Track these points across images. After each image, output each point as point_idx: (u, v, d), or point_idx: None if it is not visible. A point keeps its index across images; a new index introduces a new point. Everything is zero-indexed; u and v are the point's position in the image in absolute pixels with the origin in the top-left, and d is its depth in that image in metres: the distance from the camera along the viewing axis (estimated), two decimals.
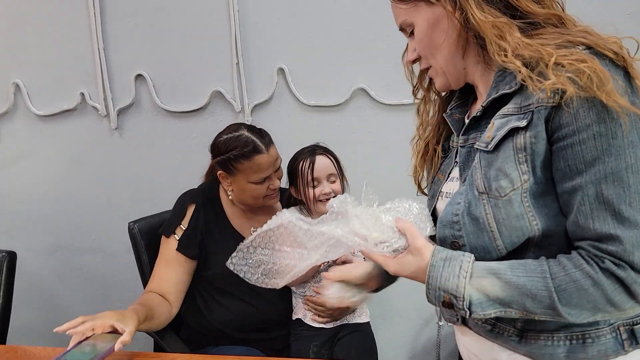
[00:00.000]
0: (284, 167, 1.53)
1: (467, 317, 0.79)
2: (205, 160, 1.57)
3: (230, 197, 1.53)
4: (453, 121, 0.92)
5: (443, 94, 0.98)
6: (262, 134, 1.48)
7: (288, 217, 0.95)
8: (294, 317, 1.53)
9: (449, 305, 0.79)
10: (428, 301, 0.82)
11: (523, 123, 0.74)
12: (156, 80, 1.95)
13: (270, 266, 1.00)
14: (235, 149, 1.44)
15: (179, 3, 1.89)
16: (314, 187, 1.46)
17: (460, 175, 0.87)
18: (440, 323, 1.83)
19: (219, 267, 1.49)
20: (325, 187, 1.46)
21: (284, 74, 1.86)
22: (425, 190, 1.03)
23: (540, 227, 0.76)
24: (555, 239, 0.78)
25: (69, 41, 1.98)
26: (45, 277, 2.18)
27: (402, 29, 0.90)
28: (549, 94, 0.72)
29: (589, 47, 0.74)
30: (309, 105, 1.85)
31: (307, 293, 1.50)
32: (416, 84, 0.98)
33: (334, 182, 1.48)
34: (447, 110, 0.94)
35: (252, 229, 1.55)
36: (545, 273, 0.75)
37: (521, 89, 0.77)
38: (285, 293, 1.53)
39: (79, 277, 2.17)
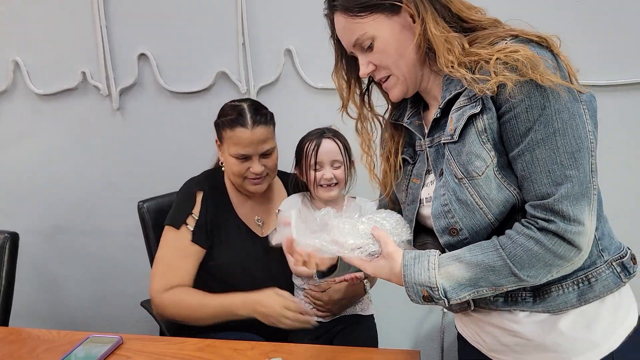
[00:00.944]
0: (291, 148, 1.50)
1: (447, 305, 0.88)
2: (208, 141, 1.53)
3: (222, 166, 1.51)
4: (415, 127, 1.01)
5: (383, 110, 1.07)
6: (259, 112, 1.43)
7: (292, 213, 1.03)
8: None
9: (428, 298, 0.88)
10: (411, 301, 0.90)
11: (477, 109, 0.85)
12: (160, 59, 1.91)
13: None
14: (226, 116, 1.43)
15: None
16: (316, 170, 1.44)
17: (434, 172, 0.95)
18: (445, 310, 1.84)
19: (222, 259, 1.46)
20: (326, 172, 1.44)
21: (291, 56, 1.82)
22: (393, 198, 1.10)
23: (519, 192, 0.87)
24: None
25: (71, 18, 1.93)
26: (46, 259, 2.16)
27: (355, 45, 0.94)
28: (495, 90, 0.83)
29: (515, 37, 0.86)
30: (316, 88, 1.82)
31: (307, 287, 1.48)
32: (347, 100, 1.04)
33: (338, 167, 1.45)
34: (406, 120, 1.02)
35: (256, 217, 1.53)
36: (497, 246, 0.85)
37: None
38: (287, 286, 1.50)
39: (80, 259, 2.15)
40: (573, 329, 0.90)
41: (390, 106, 1.07)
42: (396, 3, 0.89)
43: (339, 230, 0.96)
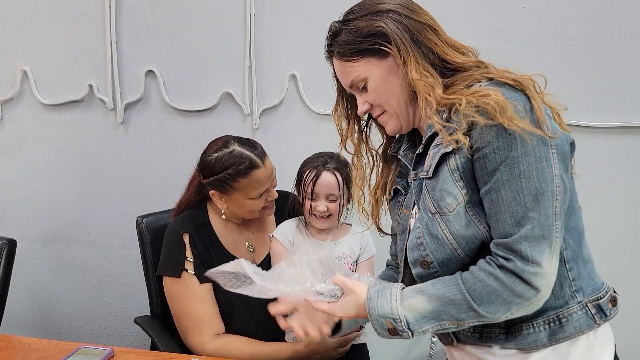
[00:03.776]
0: (289, 171, 1.52)
1: (410, 337, 0.90)
2: None
3: (223, 216, 1.46)
4: (408, 160, 1.05)
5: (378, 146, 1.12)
6: (254, 145, 1.41)
7: (246, 268, 1.03)
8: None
9: (393, 331, 0.90)
10: (377, 334, 0.93)
11: (450, 148, 0.89)
12: (166, 77, 1.95)
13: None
14: (230, 167, 1.35)
15: (196, 2, 1.89)
16: (311, 199, 1.45)
17: (417, 205, 0.99)
18: (434, 340, 1.84)
19: (219, 296, 1.43)
20: (320, 205, 1.44)
21: (295, 80, 1.86)
22: (383, 228, 1.15)
23: (488, 229, 0.89)
24: None
25: (82, 32, 1.97)
26: (38, 267, 2.15)
27: (351, 86, 1.00)
28: (456, 145, 0.88)
29: (490, 79, 0.90)
30: (318, 113, 1.86)
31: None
32: (346, 136, 1.08)
33: (333, 201, 1.45)
34: (401, 152, 1.06)
35: (247, 243, 1.52)
36: (458, 280, 0.89)
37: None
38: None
39: (72, 269, 2.14)
40: None
41: (385, 140, 1.11)
42: (382, 48, 0.93)
43: (298, 277, 0.99)
